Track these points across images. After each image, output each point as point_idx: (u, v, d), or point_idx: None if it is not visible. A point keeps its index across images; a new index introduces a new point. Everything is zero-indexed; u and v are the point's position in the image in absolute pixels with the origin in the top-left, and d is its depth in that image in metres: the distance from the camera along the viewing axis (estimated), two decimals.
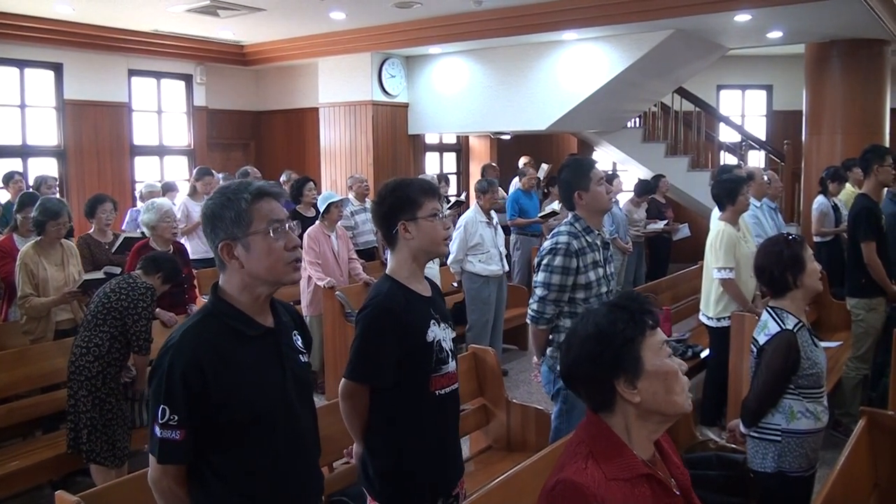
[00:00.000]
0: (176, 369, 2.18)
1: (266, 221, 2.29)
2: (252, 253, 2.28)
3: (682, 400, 1.97)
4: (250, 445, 2.28)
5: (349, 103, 11.69)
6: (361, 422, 3.00)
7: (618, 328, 1.94)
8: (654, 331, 1.98)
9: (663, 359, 1.97)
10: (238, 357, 2.26)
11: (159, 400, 2.19)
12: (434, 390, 2.92)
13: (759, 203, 7.25)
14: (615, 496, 1.87)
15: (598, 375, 1.96)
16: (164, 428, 2.18)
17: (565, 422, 4.19)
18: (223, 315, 2.31)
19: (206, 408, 2.19)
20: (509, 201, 10.05)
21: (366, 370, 2.90)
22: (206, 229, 2.34)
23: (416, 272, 3.01)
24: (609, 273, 4.27)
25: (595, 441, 1.97)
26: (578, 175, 4.18)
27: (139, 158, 11.99)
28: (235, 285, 2.33)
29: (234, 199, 2.29)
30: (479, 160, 13.65)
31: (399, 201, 2.95)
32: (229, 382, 2.22)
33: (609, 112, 11.69)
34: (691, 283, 7.94)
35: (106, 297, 4.87)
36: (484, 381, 5.10)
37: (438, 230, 2.96)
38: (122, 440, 4.89)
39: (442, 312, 3.04)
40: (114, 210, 6.83)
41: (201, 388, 2.18)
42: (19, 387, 5.41)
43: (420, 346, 2.89)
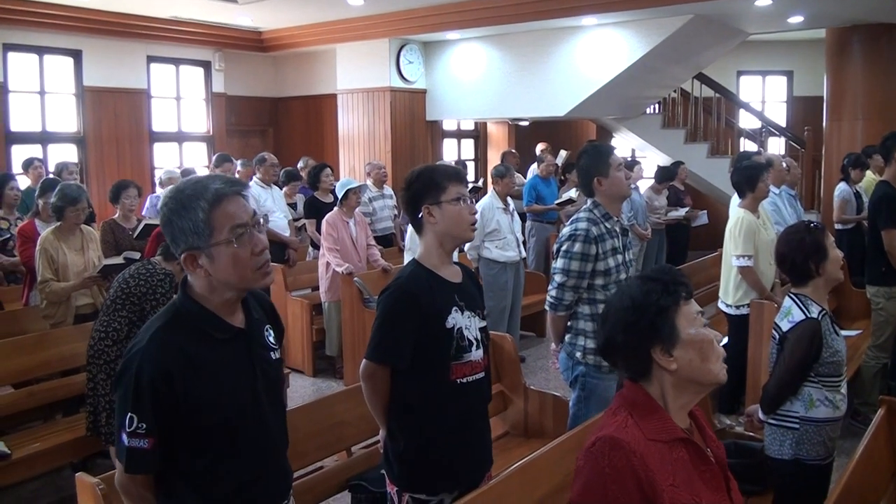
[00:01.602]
0: (144, 377, 2.09)
1: (228, 229, 2.15)
2: (217, 263, 2.17)
3: (718, 368, 2.00)
4: (218, 449, 2.21)
5: (367, 89, 11.69)
6: (383, 404, 3.02)
7: (652, 298, 1.99)
8: (688, 301, 2.02)
9: (698, 328, 2.00)
10: (208, 361, 2.17)
11: (126, 408, 2.10)
12: (455, 378, 2.92)
13: (777, 190, 7.19)
14: (653, 456, 1.90)
15: (635, 343, 2.00)
16: (133, 437, 2.09)
17: (583, 408, 4.18)
18: (192, 316, 2.21)
19: (175, 415, 2.11)
20: (526, 188, 10.01)
21: (384, 350, 2.92)
22: (167, 235, 2.21)
23: (443, 258, 3.02)
24: (628, 260, 4.25)
25: (634, 406, 2.01)
26: (597, 161, 4.16)
27: (158, 145, 12.04)
28: (203, 287, 2.23)
29: (190, 206, 2.14)
30: (496, 147, 13.63)
31: (424, 186, 2.97)
32: (199, 388, 2.14)
33: (628, 98, 11.63)
34: (710, 270, 7.90)
35: (125, 283, 4.90)
36: (501, 367, 5.09)
37: (464, 215, 2.97)
38: None
39: (470, 300, 3.04)
40: (138, 196, 6.89)
41: (171, 396, 2.10)
42: (40, 370, 5.47)
43: (438, 331, 2.89)
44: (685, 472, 1.95)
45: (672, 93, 12.68)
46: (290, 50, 12.68)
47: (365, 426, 4.23)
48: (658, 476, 1.88)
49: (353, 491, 4.11)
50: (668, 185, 10.50)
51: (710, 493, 1.98)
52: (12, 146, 10.34)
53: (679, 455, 1.96)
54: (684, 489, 1.91)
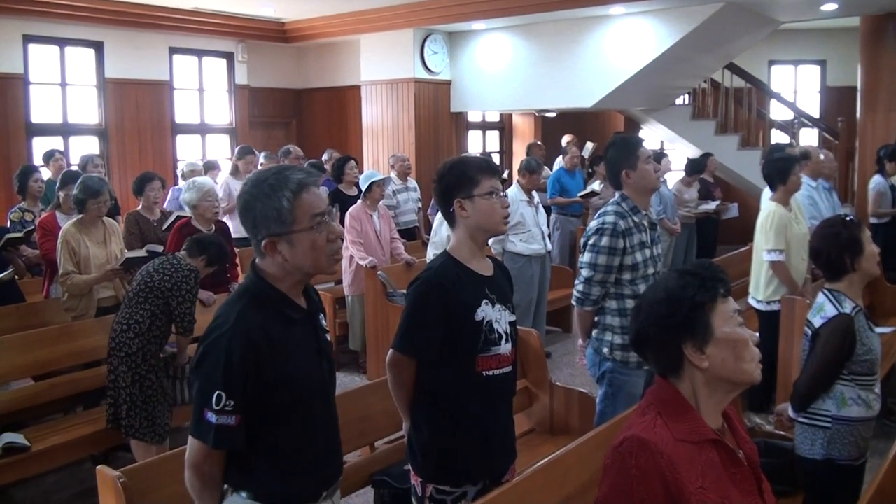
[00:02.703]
0: (235, 354, 2.21)
1: (309, 217, 2.30)
2: (296, 249, 2.31)
3: (752, 368, 1.98)
4: (293, 424, 2.34)
5: (391, 81, 11.69)
6: (407, 395, 3.06)
7: (688, 293, 1.97)
8: (725, 299, 2.00)
9: (734, 326, 1.98)
10: (285, 339, 2.31)
11: (215, 385, 2.21)
12: (480, 371, 2.94)
13: (814, 183, 7.12)
14: (682, 457, 1.89)
15: (667, 338, 1.99)
16: (221, 414, 2.21)
17: (610, 405, 4.17)
18: (268, 298, 2.34)
19: (259, 391, 2.24)
20: (550, 180, 9.97)
21: (411, 342, 2.96)
22: (246, 221, 2.34)
23: (474, 250, 3.04)
24: (656, 254, 4.23)
25: (664, 404, 1.99)
26: (625, 153, 4.13)
27: (181, 137, 12.12)
28: (276, 272, 2.36)
29: (274, 195, 2.28)
30: (522, 138, 13.59)
31: (456, 179, 2.99)
32: (279, 365, 2.27)
33: (657, 89, 11.55)
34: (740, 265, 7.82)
35: (149, 276, 4.95)
36: (527, 363, 5.08)
37: (496, 208, 2.99)
38: (163, 416, 4.98)
39: (501, 293, 3.06)
40: (161, 188, 6.94)
41: (256, 373, 2.23)
42: (61, 363, 5.52)
43: (468, 324, 2.91)
44: (715, 474, 1.93)
45: (702, 83, 12.59)
46: (314, 41, 12.70)
47: (388, 421, 4.24)
48: (686, 478, 1.86)
49: (377, 486, 4.11)
50: (697, 178, 10.43)
51: (740, 495, 1.96)
52: (34, 138, 10.44)
53: (709, 456, 1.94)
54: (714, 491, 1.89)
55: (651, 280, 4.11)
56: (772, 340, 5.55)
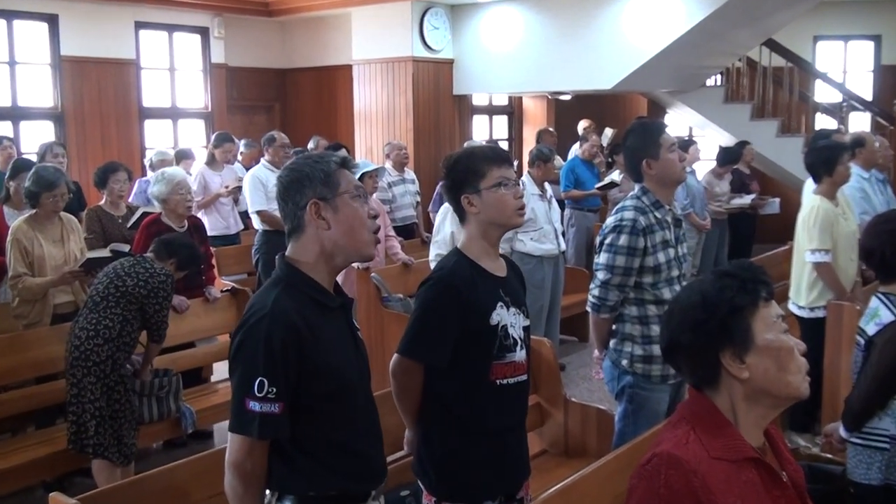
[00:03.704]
0: (276, 339, 2.36)
1: (353, 187, 2.56)
2: (340, 215, 2.51)
3: (798, 381, 1.98)
4: (336, 417, 2.51)
5: (386, 60, 11.67)
6: (413, 404, 3.13)
7: (726, 295, 1.98)
8: (767, 303, 2.01)
9: (777, 333, 1.98)
10: (322, 328, 2.48)
11: (256, 371, 2.36)
12: (494, 379, 3.02)
13: (867, 174, 7.10)
14: (717, 477, 1.89)
15: (702, 345, 1.99)
16: (264, 401, 2.35)
17: (631, 424, 4.17)
18: (304, 285, 2.51)
19: (300, 378, 2.41)
20: (564, 171, 9.93)
21: (421, 347, 3.03)
22: (288, 193, 2.53)
23: (487, 249, 3.13)
24: (681, 254, 4.23)
25: (698, 418, 2.00)
26: (646, 141, 4.14)
27: (149, 122, 12.11)
28: (313, 253, 2.53)
29: (322, 161, 2.55)
30: (533, 124, 13.58)
31: (461, 174, 3.09)
32: (319, 353, 2.44)
33: (685, 68, 11.54)
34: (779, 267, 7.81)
35: (119, 280, 4.99)
36: (538, 376, 5.08)
37: (507, 200, 3.06)
38: (129, 436, 4.99)
39: (515, 296, 3.14)
40: (127, 180, 6.95)
41: (298, 358, 2.39)
42: (11, 377, 5.49)
43: (483, 328, 2.99)
44: (755, 497, 1.93)
45: (737, 62, 12.59)
46: (300, 15, 12.70)
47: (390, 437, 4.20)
48: (722, 500, 1.86)
49: None
50: (731, 169, 10.40)
51: None
52: None
53: (748, 477, 1.94)
54: None
55: (676, 283, 4.12)
56: (816, 352, 5.52)
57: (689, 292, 2.07)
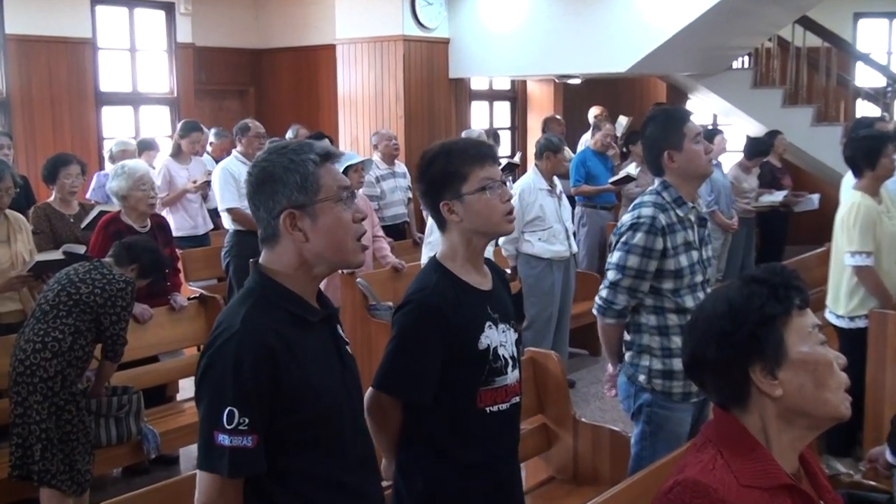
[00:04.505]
0: (245, 362, 2.29)
1: (336, 188, 2.45)
2: (319, 224, 2.42)
3: (838, 399, 1.98)
4: (322, 448, 2.44)
5: (374, 39, 11.67)
6: (392, 441, 3.09)
7: (755, 304, 1.97)
8: (802, 311, 2.00)
9: (813, 345, 1.98)
10: (302, 345, 2.41)
11: (225, 400, 2.28)
12: (483, 407, 2.98)
13: None
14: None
15: (729, 360, 1.99)
16: (235, 434, 2.27)
17: (649, 447, 4.17)
18: (280, 298, 2.43)
19: (276, 405, 2.33)
20: (574, 164, 9.94)
21: (401, 382, 2.98)
22: (259, 195, 2.45)
23: (472, 258, 3.07)
24: (705, 258, 4.23)
25: (725, 441, 1.99)
26: (668, 130, 4.13)
27: (107, 109, 12.08)
28: (289, 263, 2.45)
29: (299, 160, 2.42)
30: (538, 111, 13.58)
31: (439, 176, 3.01)
32: (298, 375, 2.36)
33: (709, 49, 11.57)
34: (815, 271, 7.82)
35: (73, 287, 4.95)
36: (545, 393, 5.08)
37: (493, 205, 3.00)
38: (84, 461, 4.96)
39: (503, 310, 3.09)
40: (80, 174, 6.90)
41: (273, 383, 2.32)
42: None
43: (469, 355, 2.95)
44: None
45: (767, 42, 12.61)
46: None
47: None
48: None
49: None
50: (760, 162, 10.41)
51: None
52: None
53: None
54: None
55: (699, 290, 4.11)
56: (856, 366, 5.53)
57: (714, 300, 2.06)
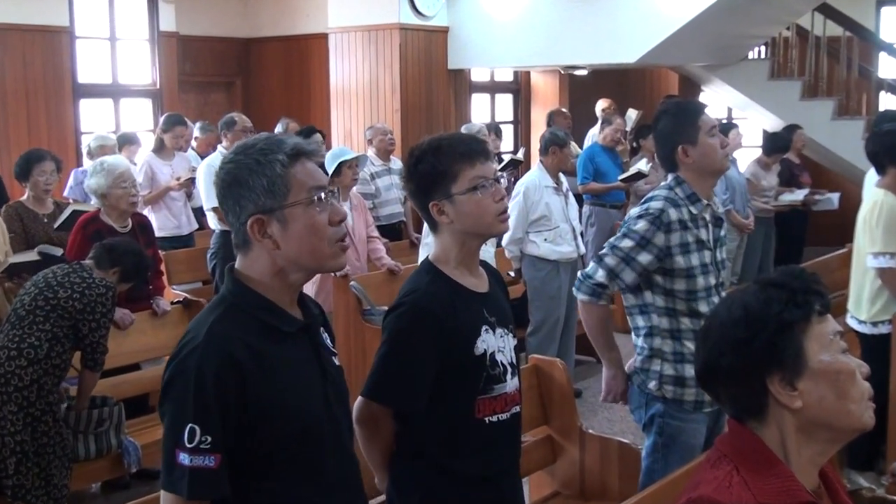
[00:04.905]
0: (208, 376, 2.24)
1: (307, 189, 2.37)
2: (290, 230, 2.35)
3: (861, 410, 1.97)
4: (296, 468, 2.37)
5: (368, 27, 11.67)
6: (383, 455, 3.09)
7: (773, 310, 1.96)
8: (822, 317, 2.00)
9: (835, 354, 1.97)
10: (275, 357, 2.35)
11: (185, 419, 2.23)
12: (482, 417, 2.97)
13: None
14: None
15: (745, 369, 1.98)
16: (196, 453, 2.21)
17: (660, 460, 4.16)
18: (252, 307, 2.38)
19: (243, 423, 2.28)
20: (582, 160, 9.93)
21: (391, 389, 2.97)
22: (226, 200, 2.41)
23: (465, 261, 3.07)
24: (719, 259, 4.22)
25: (741, 456, 1.99)
26: (682, 123, 4.12)
27: (86, 101, 12.05)
28: (264, 270, 2.40)
29: (266, 161, 2.35)
30: (543, 104, 13.58)
31: (427, 176, 3.00)
32: (270, 389, 2.31)
33: (723, 39, 11.57)
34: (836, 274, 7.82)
35: (51, 290, 4.95)
36: (550, 403, 5.08)
37: (485, 205, 2.99)
38: (60, 475, 4.96)
39: (500, 313, 3.09)
40: (55, 171, 6.88)
41: (239, 399, 2.26)
42: None
43: (465, 361, 2.94)
44: None
45: (785, 31, 12.62)
46: None
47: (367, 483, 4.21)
48: None
49: None
50: (780, 158, 10.40)
51: None
52: None
53: None
54: None
55: (713, 293, 4.11)
56: (879, 374, 5.53)
57: (729, 305, 2.05)
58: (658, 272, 4.06)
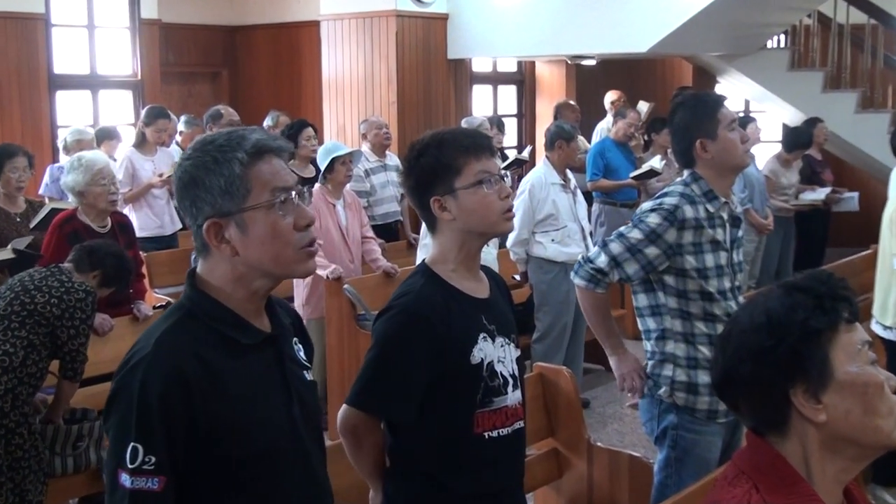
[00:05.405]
0: (152, 390, 2.18)
1: (269, 190, 2.30)
2: (250, 235, 2.29)
3: (889, 426, 1.96)
4: (251, 494, 2.31)
5: (363, 14, 11.67)
6: (373, 463, 3.08)
7: (798, 316, 1.95)
8: (850, 326, 1.98)
9: (863, 365, 1.96)
10: (231, 372, 2.29)
11: (127, 437, 2.18)
12: (481, 432, 2.96)
13: None
14: None
15: (767, 379, 1.97)
16: (137, 475, 2.15)
17: (674, 475, 4.17)
18: (208, 317, 2.32)
19: (192, 443, 2.21)
20: (592, 155, 9.96)
21: (378, 397, 2.96)
22: (184, 201, 2.35)
23: (465, 263, 3.06)
24: (736, 261, 4.24)
25: (761, 473, 1.98)
26: (700, 117, 4.14)
27: (62, 93, 12.07)
28: (224, 277, 2.34)
29: (223, 158, 2.28)
30: (549, 97, 13.58)
31: (430, 169, 2.99)
32: (222, 408, 2.24)
33: (740, 27, 11.58)
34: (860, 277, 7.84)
35: (27, 295, 4.92)
36: (556, 414, 5.08)
37: (490, 201, 2.98)
38: (35, 491, 4.94)
39: (501, 321, 3.08)
40: (28, 168, 6.87)
41: (188, 417, 2.20)
42: None
43: (461, 370, 2.93)
44: None
45: (805, 18, 12.63)
46: None
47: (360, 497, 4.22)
48: None
49: None
50: (801, 154, 10.39)
51: None
52: None
53: None
54: None
55: (730, 297, 4.12)
56: None
57: (752, 311, 2.03)
58: (669, 272, 4.08)
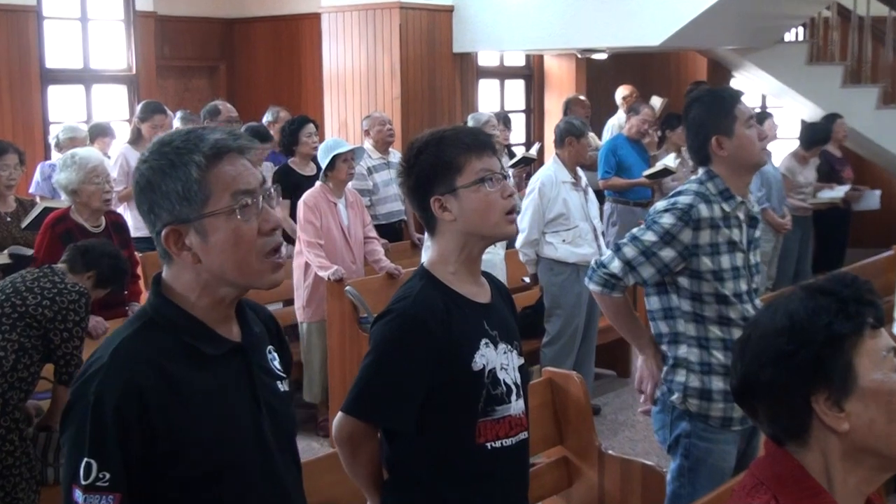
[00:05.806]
0: (106, 404, 2.15)
1: (230, 194, 2.26)
2: (211, 242, 2.25)
3: None
4: None
5: (365, 6, 11.67)
6: (369, 475, 3.07)
7: (821, 321, 1.94)
8: (875, 331, 1.97)
9: (888, 373, 1.95)
10: (193, 384, 2.26)
11: (81, 452, 2.15)
12: (483, 442, 2.95)
13: None
14: None
15: (788, 385, 1.96)
16: (91, 492, 2.13)
17: (687, 485, 4.17)
18: (171, 325, 2.29)
19: (150, 457, 2.18)
20: (604, 153, 9.94)
21: (374, 404, 2.95)
22: (141, 206, 2.31)
23: (466, 266, 3.05)
24: (752, 263, 4.24)
25: (780, 484, 1.97)
26: (717, 113, 4.15)
27: (55, 88, 12.04)
28: (187, 284, 2.31)
29: (180, 161, 2.24)
30: (559, 91, 13.59)
31: (430, 167, 2.98)
32: (181, 422, 2.21)
33: (757, 19, 11.58)
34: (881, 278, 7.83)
35: (19, 297, 4.93)
36: (565, 421, 5.08)
37: (492, 200, 2.97)
38: (27, 499, 4.95)
39: (504, 328, 3.07)
40: (19, 165, 6.87)
41: (145, 431, 2.17)
42: None
43: (462, 377, 2.93)
44: None
45: (825, 10, 12.61)
46: None
47: None
48: None
49: None
50: (819, 151, 10.38)
51: None
52: None
53: None
54: None
55: (746, 300, 4.12)
56: None
57: (773, 314, 2.01)
58: (683, 273, 4.08)
